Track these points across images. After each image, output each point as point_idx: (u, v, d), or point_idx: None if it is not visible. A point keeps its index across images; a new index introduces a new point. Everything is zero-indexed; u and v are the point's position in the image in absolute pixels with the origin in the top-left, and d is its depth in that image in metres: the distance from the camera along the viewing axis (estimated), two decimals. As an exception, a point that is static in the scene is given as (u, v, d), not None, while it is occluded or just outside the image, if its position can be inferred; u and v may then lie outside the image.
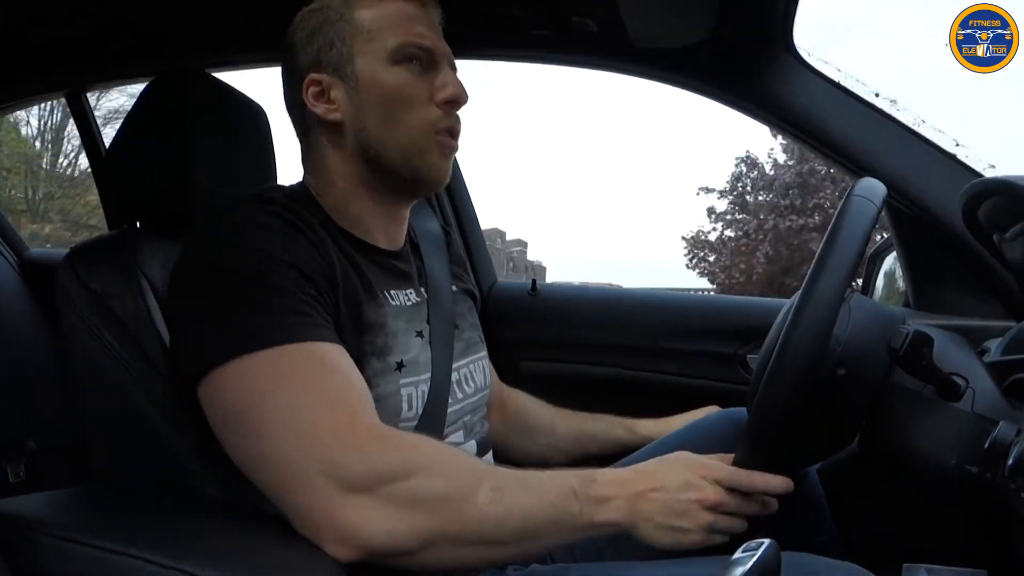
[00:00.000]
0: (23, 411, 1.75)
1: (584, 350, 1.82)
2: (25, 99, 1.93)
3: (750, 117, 1.52)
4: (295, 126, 1.10)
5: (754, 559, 0.64)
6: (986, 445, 0.84)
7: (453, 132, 1.05)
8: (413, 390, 1.00)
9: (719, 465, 0.94)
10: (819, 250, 0.92)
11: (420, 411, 1.00)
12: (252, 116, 1.25)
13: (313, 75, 1.04)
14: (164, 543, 0.83)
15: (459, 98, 1.04)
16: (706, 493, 0.90)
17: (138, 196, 1.17)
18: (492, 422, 1.30)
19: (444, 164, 1.05)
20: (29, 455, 1.73)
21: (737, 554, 0.66)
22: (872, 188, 0.96)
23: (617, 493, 0.89)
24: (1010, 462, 0.78)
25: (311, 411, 0.83)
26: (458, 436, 1.08)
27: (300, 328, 0.87)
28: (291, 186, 1.08)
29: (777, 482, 0.94)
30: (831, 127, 1.44)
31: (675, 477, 0.92)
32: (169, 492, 1.00)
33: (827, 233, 0.93)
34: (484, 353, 1.19)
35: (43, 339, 1.86)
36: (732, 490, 0.92)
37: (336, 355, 0.89)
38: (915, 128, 1.42)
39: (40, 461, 1.74)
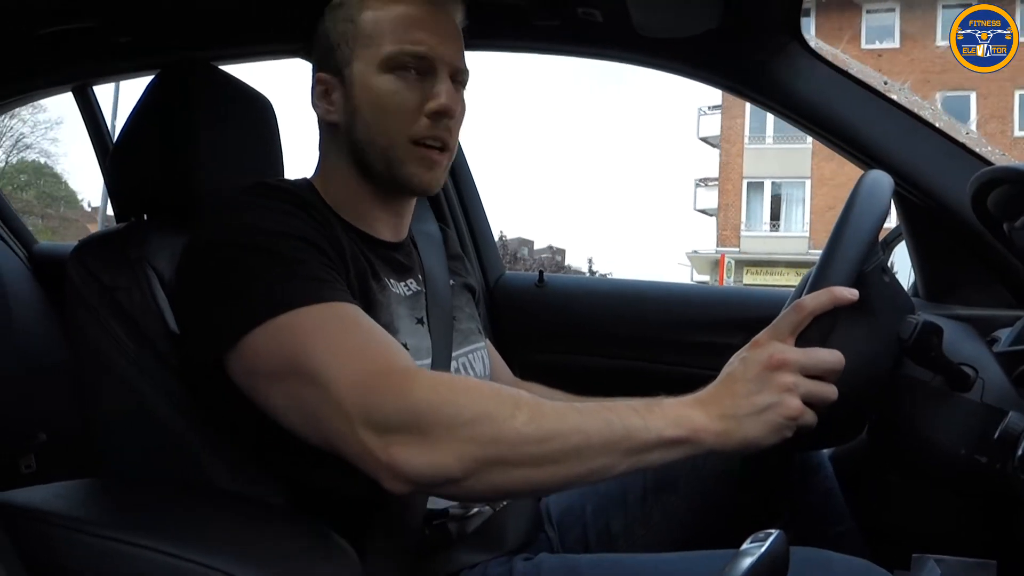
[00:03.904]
0: (33, 403, 1.76)
1: (590, 342, 1.82)
2: (32, 93, 1.93)
3: (758, 106, 1.51)
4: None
5: (762, 549, 0.64)
6: (995, 435, 0.84)
7: (438, 142, 1.04)
8: None
9: (766, 335, 0.91)
10: (830, 236, 0.92)
11: None
12: (258, 108, 1.25)
13: (321, 74, 1.07)
14: (174, 534, 0.83)
15: (448, 110, 1.02)
16: (767, 353, 0.87)
17: (145, 189, 1.17)
18: None
19: (425, 175, 1.05)
20: (39, 447, 1.74)
21: (745, 545, 0.66)
22: (880, 179, 0.96)
23: (690, 409, 0.86)
24: (1020, 452, 0.78)
25: (345, 363, 0.84)
26: None
27: (322, 290, 0.89)
28: (295, 180, 1.10)
29: (829, 355, 0.88)
30: (839, 116, 1.43)
31: (733, 366, 0.90)
32: (179, 484, 1.01)
33: (837, 220, 0.92)
34: (482, 344, 1.20)
35: (52, 332, 1.87)
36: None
37: (360, 313, 0.91)
38: (924, 116, 1.41)
39: (50, 453, 1.75)
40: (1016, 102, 18.22)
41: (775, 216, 22.01)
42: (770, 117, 21.09)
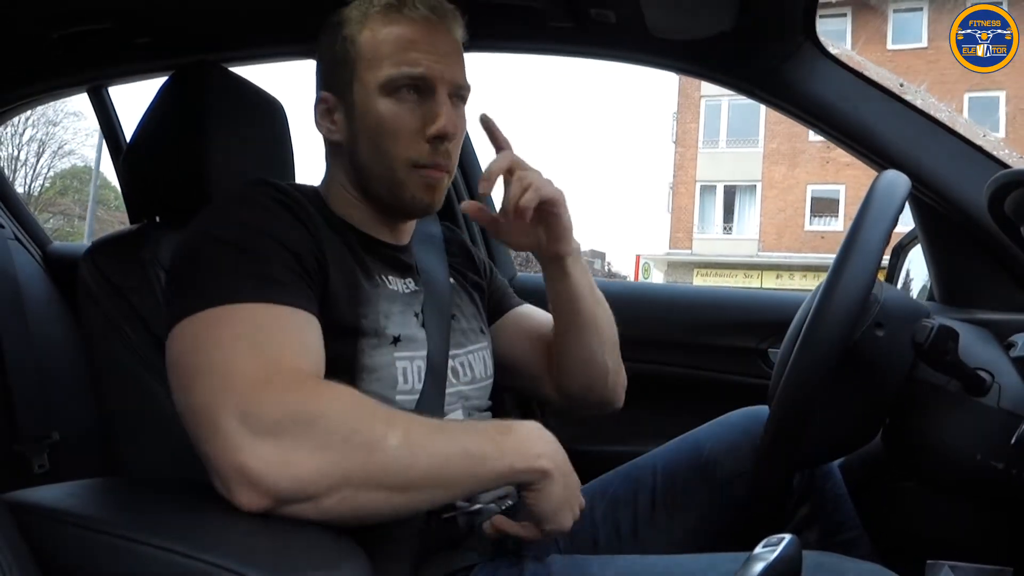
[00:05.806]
0: (46, 403, 1.76)
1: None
2: (47, 94, 1.94)
3: (772, 109, 1.50)
4: None
5: (775, 554, 0.63)
6: (1012, 441, 0.83)
7: (439, 166, 1.04)
8: (408, 364, 1.01)
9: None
10: (846, 235, 0.91)
11: (420, 387, 1.01)
12: (269, 111, 1.25)
13: (324, 93, 1.07)
14: (186, 534, 0.83)
15: (447, 134, 1.02)
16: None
17: (157, 191, 1.18)
18: (547, 376, 1.26)
19: (427, 197, 1.05)
20: (52, 446, 1.75)
21: (758, 549, 0.65)
22: (896, 179, 0.95)
23: (541, 441, 0.91)
24: (1037, 458, 0.77)
25: (234, 360, 0.82)
26: (458, 414, 1.08)
27: (270, 291, 0.88)
28: (302, 184, 1.10)
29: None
30: (855, 119, 1.42)
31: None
32: (191, 483, 1.01)
33: (853, 219, 0.92)
34: (485, 344, 1.18)
35: (66, 331, 1.88)
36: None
37: (294, 318, 0.89)
38: (940, 119, 1.40)
39: (63, 452, 1.76)
40: (966, 104, 18.02)
41: (728, 219, 22.14)
42: (724, 121, 21.19)
